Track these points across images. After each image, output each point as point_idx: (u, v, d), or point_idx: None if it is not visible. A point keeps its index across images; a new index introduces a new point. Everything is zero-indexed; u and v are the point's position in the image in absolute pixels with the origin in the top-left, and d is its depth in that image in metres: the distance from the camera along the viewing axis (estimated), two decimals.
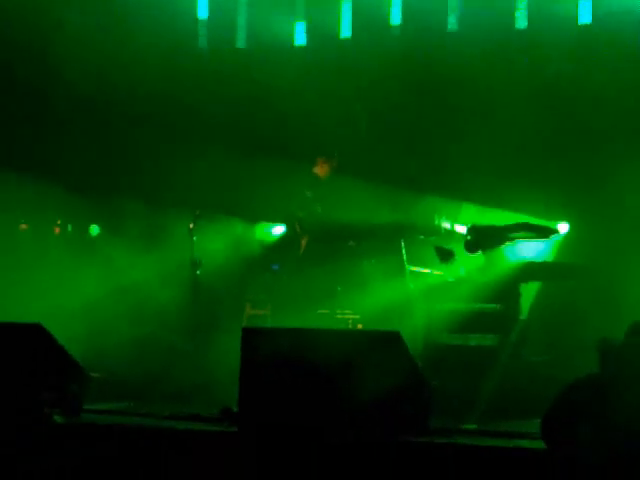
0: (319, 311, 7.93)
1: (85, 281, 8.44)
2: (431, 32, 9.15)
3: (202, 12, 10.16)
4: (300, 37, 9.89)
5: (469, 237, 7.16)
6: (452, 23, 9.17)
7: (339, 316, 7.95)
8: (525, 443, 4.62)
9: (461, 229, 7.82)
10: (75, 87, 9.46)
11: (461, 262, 7.37)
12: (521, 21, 9.02)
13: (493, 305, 6.77)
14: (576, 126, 8.48)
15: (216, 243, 8.88)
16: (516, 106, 8.59)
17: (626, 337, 4.22)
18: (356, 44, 9.54)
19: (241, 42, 10.08)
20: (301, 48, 9.81)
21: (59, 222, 9.13)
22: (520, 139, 8.53)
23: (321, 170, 8.58)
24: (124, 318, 8.15)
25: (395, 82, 9.12)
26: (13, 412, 5.32)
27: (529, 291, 7.05)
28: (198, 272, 7.96)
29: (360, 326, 7.78)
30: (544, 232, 7.42)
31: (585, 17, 8.76)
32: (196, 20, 10.11)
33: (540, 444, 4.41)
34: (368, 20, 9.49)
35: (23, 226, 9.09)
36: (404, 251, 7.65)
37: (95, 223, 9.29)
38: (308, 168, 8.62)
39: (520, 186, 8.16)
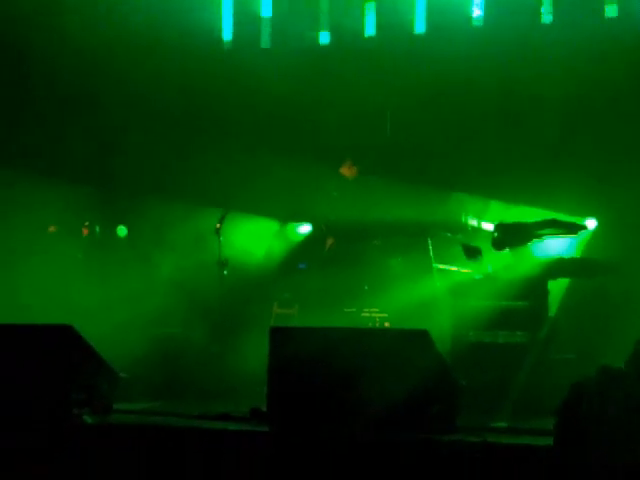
0: (346, 310, 7.93)
1: (113, 281, 8.49)
2: (455, 30, 9.13)
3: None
4: (324, 36, 9.91)
5: (496, 234, 7.12)
6: (477, 19, 9.15)
7: (366, 314, 7.95)
8: None
9: (488, 226, 7.79)
10: (102, 91, 9.54)
11: (488, 259, 7.33)
12: (546, 16, 8.98)
13: (521, 302, 6.73)
14: (604, 122, 8.42)
15: (243, 243, 8.90)
16: (543, 103, 8.55)
17: None
18: (381, 45, 9.54)
19: (265, 42, 10.11)
20: (325, 47, 9.82)
21: (87, 223, 9.20)
22: (547, 136, 8.49)
23: (348, 171, 8.56)
24: (152, 318, 8.18)
25: (421, 80, 9.11)
26: (44, 412, 5.35)
27: (557, 288, 7.00)
28: (225, 272, 7.98)
29: (387, 324, 7.78)
30: (572, 228, 7.36)
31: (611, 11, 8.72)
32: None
33: None
34: (391, 21, 9.48)
35: (52, 228, 9.17)
36: (431, 249, 7.64)
37: (123, 224, 9.35)
38: (335, 168, 8.62)
39: (547, 182, 8.12)
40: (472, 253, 7.29)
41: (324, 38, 9.92)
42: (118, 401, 5.73)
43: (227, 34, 10.19)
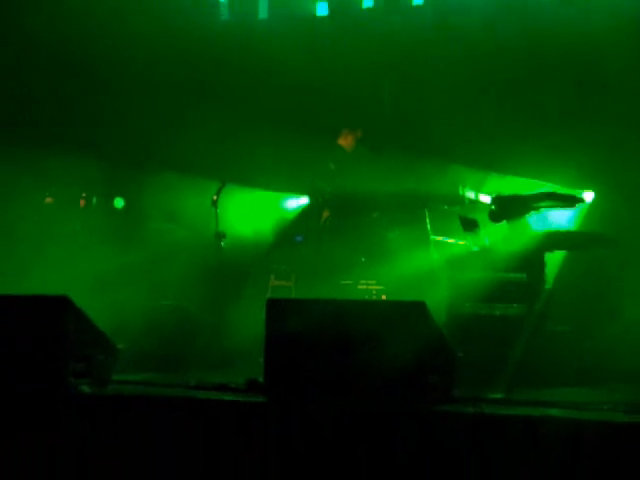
0: (343, 282, 7.93)
1: (109, 253, 8.48)
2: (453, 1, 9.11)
3: None
4: (322, 7, 9.85)
5: (493, 207, 7.11)
6: None
7: (363, 287, 7.96)
8: (553, 412, 4.61)
9: (485, 199, 7.79)
10: (100, 61, 9.49)
11: (485, 232, 7.34)
12: None
13: (518, 275, 6.73)
14: (601, 93, 8.40)
15: (240, 215, 8.89)
16: (539, 74, 8.53)
17: None
18: (378, 14, 9.50)
19: (263, 13, 10.05)
20: (323, 18, 9.77)
21: (84, 195, 9.18)
22: (545, 107, 8.46)
23: (345, 142, 8.53)
24: (149, 290, 8.19)
25: (418, 51, 9.07)
26: (41, 383, 5.36)
27: (554, 261, 7.01)
28: (222, 244, 7.98)
29: (384, 297, 7.79)
30: (569, 201, 7.35)
31: None
32: None
33: (568, 413, 4.42)
34: None
35: (49, 199, 9.15)
36: (428, 221, 7.64)
37: (120, 195, 9.33)
38: (332, 140, 8.59)
39: (545, 155, 8.11)
40: (469, 225, 7.29)
41: (322, 9, 9.85)
42: (115, 372, 5.74)
43: (225, 4, 10.12)
